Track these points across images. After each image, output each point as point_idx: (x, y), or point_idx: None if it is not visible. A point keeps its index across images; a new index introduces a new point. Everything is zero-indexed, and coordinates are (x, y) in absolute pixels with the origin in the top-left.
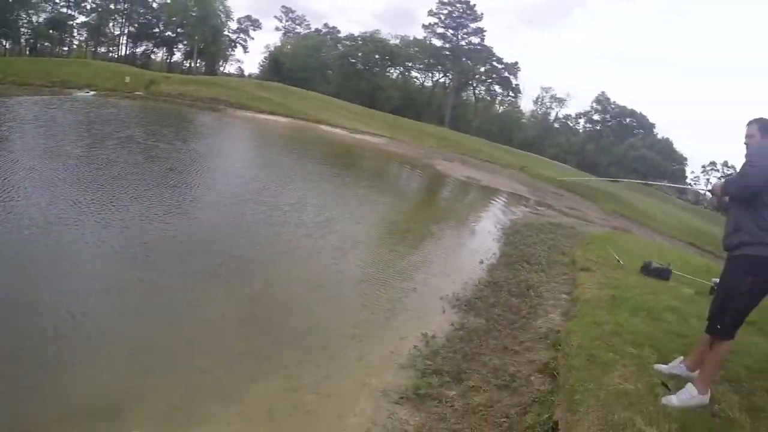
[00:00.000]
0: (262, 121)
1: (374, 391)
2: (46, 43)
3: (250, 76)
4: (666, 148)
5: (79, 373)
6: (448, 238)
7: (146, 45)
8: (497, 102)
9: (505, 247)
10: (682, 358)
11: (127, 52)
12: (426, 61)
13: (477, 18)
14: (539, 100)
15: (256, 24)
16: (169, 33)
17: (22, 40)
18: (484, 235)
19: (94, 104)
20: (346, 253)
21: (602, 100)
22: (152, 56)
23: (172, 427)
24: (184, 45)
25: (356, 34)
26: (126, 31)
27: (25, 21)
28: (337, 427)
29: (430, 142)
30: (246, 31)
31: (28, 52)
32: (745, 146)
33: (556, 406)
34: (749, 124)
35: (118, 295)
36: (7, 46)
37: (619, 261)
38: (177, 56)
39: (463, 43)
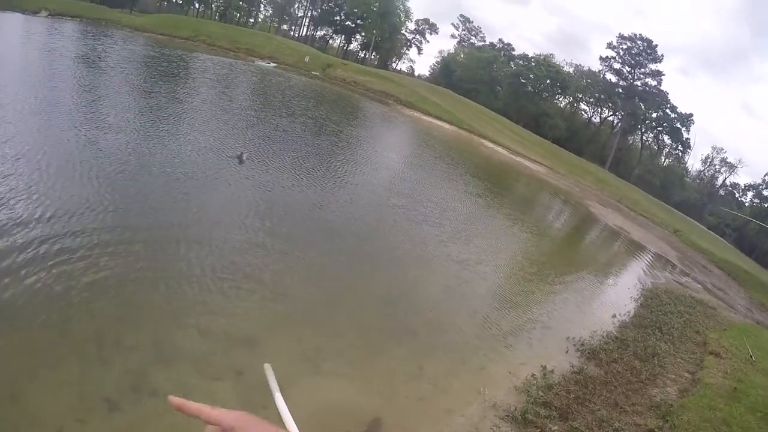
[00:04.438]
0: (427, 123)
1: (486, 401)
2: (235, 13)
3: (419, 76)
4: None
5: (236, 305)
6: (586, 283)
7: (326, 30)
8: (663, 153)
9: (640, 309)
10: None
11: (307, 34)
12: (597, 95)
13: (657, 59)
14: (708, 160)
15: (433, 28)
16: (349, 23)
17: (213, 6)
18: (623, 290)
19: (272, 74)
20: (480, 270)
21: None
22: (330, 41)
23: (297, 369)
24: (361, 36)
25: (530, 55)
26: (309, 14)
27: None
28: (444, 421)
29: (588, 180)
30: (422, 33)
31: (217, 18)
32: None
33: None
34: None
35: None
36: (199, 9)
37: (752, 356)
38: (353, 45)
39: (638, 83)
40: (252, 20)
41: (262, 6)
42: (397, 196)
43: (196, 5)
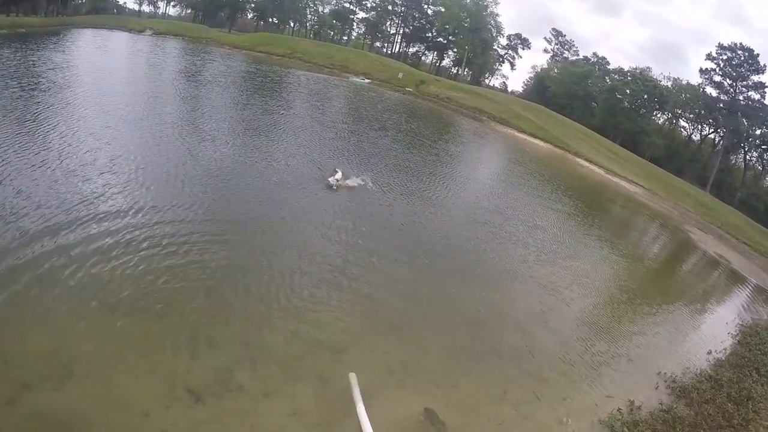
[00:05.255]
0: (521, 140)
1: None
2: (329, 31)
3: (512, 93)
4: None
5: (326, 313)
6: (680, 315)
7: (418, 47)
8: None
9: (738, 347)
10: None
11: (400, 50)
12: (697, 111)
13: (759, 70)
14: None
15: (525, 43)
16: (440, 39)
17: (308, 25)
18: (720, 325)
19: (366, 90)
20: (567, 295)
21: None
22: (422, 58)
23: (381, 381)
24: (453, 52)
25: (626, 69)
26: (401, 32)
27: (313, 9)
28: None
29: (688, 203)
30: (515, 49)
31: (312, 36)
32: None
33: None
34: None
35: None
36: (294, 28)
37: None
38: (446, 61)
39: (740, 97)
40: (345, 38)
41: (354, 24)
42: (486, 212)
43: (291, 24)
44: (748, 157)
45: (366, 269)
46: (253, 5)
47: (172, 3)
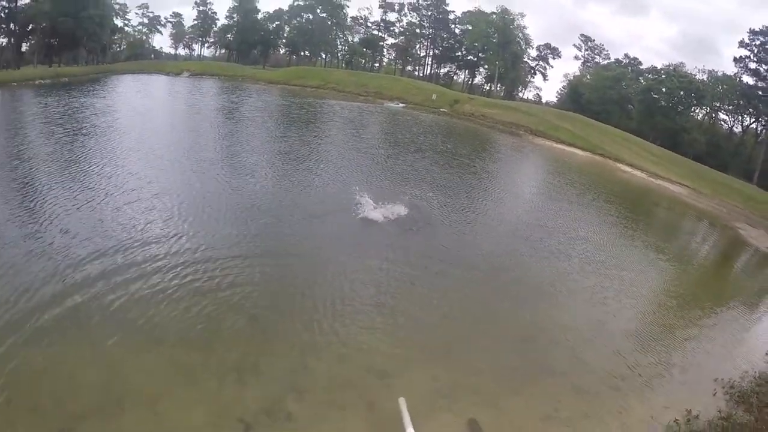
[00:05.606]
0: (559, 151)
1: None
2: (360, 59)
3: (547, 103)
4: None
5: (371, 337)
6: (735, 317)
7: (449, 66)
8: None
9: None
10: None
11: (431, 72)
12: (736, 101)
13: None
14: None
15: (555, 52)
16: (470, 57)
17: (339, 55)
18: None
19: (401, 114)
20: (614, 306)
21: None
22: (454, 77)
23: (430, 405)
24: (484, 69)
25: (659, 67)
26: (431, 53)
27: (343, 40)
28: None
29: (735, 199)
30: (545, 59)
31: (344, 65)
32: None
33: None
34: None
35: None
36: (326, 59)
37: None
38: (478, 79)
39: None
40: (377, 65)
41: (385, 50)
42: (527, 227)
43: (323, 56)
44: None
45: (408, 290)
46: (284, 41)
47: (206, 44)
